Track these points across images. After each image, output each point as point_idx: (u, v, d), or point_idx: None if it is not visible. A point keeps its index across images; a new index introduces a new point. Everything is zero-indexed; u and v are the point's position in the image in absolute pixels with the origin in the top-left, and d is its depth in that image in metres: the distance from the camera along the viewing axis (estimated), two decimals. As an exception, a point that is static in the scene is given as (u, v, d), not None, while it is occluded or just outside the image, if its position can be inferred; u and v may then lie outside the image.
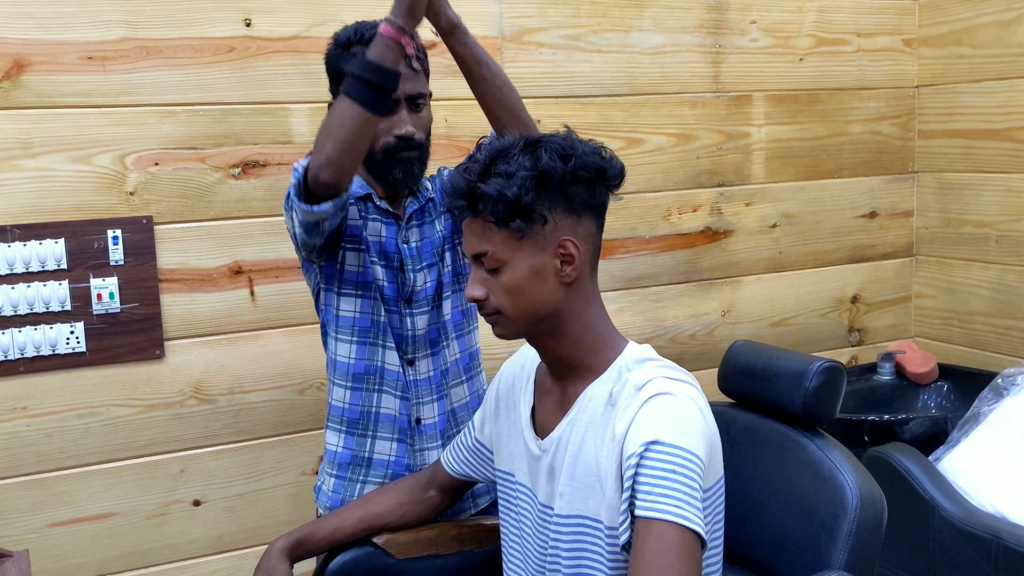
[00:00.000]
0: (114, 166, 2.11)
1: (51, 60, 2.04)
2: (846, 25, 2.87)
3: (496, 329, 1.43)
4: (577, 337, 1.42)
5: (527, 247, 1.36)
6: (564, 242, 1.36)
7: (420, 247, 1.83)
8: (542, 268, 1.37)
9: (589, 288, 1.43)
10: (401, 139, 1.72)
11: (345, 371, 1.82)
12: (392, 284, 1.80)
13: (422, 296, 1.82)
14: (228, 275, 2.23)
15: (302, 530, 1.69)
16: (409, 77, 1.72)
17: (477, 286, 1.40)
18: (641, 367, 1.38)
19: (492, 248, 1.37)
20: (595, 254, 1.43)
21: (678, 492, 1.23)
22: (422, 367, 1.84)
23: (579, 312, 1.41)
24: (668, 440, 1.26)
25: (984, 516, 2.11)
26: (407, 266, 1.81)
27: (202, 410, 2.23)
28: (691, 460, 1.25)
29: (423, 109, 1.77)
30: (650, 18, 2.60)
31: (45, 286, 2.07)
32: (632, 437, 1.29)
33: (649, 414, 1.30)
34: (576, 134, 1.42)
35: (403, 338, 1.82)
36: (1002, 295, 2.80)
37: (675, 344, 2.74)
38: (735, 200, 2.79)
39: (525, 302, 1.38)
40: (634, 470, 1.26)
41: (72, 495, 2.14)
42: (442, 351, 1.86)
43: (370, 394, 1.82)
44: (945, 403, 2.82)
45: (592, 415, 1.39)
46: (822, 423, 1.55)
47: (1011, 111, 2.73)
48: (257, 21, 2.19)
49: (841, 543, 1.41)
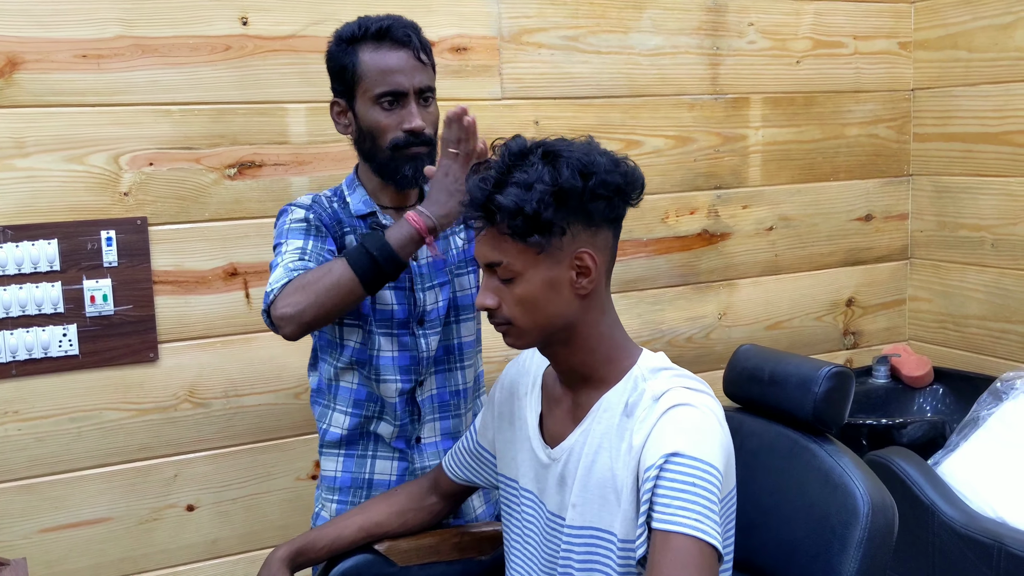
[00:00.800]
0: (108, 166, 2.08)
1: (45, 58, 2.01)
2: (843, 28, 2.86)
3: (507, 339, 1.40)
4: (591, 347, 1.39)
5: (543, 259, 1.33)
6: (581, 254, 1.34)
7: (431, 264, 1.77)
8: (557, 280, 1.34)
9: (604, 298, 1.40)
10: (411, 133, 1.66)
11: (348, 396, 1.77)
12: (403, 306, 1.74)
13: (433, 315, 1.76)
14: (223, 277, 2.20)
15: (302, 538, 1.66)
16: (418, 69, 1.67)
17: (489, 295, 1.37)
18: (657, 376, 1.36)
19: (507, 259, 1.34)
20: (611, 264, 1.41)
21: (697, 505, 1.22)
22: (427, 385, 1.79)
23: (594, 323, 1.39)
24: (688, 452, 1.24)
25: (985, 521, 2.10)
26: (416, 284, 1.75)
27: (196, 414, 2.20)
28: (711, 473, 1.24)
29: (431, 104, 1.72)
30: (649, 19, 2.59)
31: (37, 288, 2.03)
32: (651, 449, 1.27)
33: (668, 425, 1.28)
34: (597, 144, 1.38)
35: (416, 360, 1.75)
36: (998, 299, 2.80)
37: (672, 347, 2.73)
38: (732, 203, 2.77)
39: (539, 314, 1.35)
40: (653, 482, 1.24)
41: (65, 500, 2.11)
42: (451, 372, 1.81)
43: (369, 420, 1.78)
44: (941, 407, 2.82)
45: (607, 425, 1.36)
46: (831, 429, 1.54)
47: (1007, 115, 2.73)
48: (254, 20, 2.16)
49: (852, 551, 1.39)
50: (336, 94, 1.73)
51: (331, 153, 2.23)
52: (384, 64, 1.65)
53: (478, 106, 2.39)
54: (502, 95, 2.42)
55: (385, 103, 1.66)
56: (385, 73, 1.65)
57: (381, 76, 1.65)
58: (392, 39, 1.66)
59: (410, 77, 1.66)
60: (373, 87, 1.66)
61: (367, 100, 1.67)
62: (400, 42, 1.66)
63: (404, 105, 1.66)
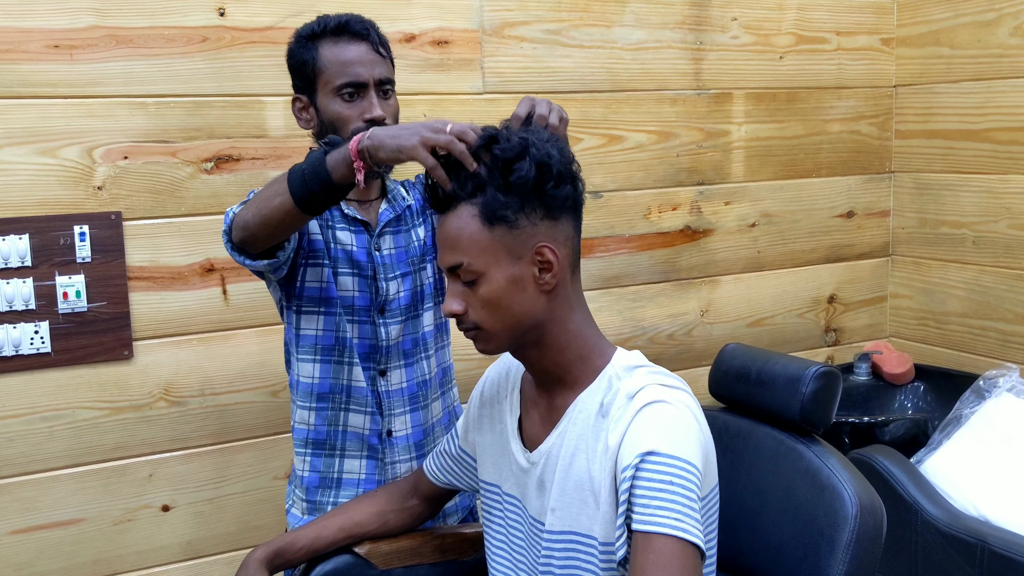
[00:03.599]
0: (81, 159, 2.03)
1: (15, 48, 1.96)
2: (826, 23, 2.85)
3: (478, 344, 1.37)
4: (562, 347, 1.37)
5: (503, 256, 1.30)
6: (541, 248, 1.31)
7: (393, 255, 1.78)
8: (520, 277, 1.32)
9: (572, 294, 1.37)
10: (372, 123, 1.65)
11: (308, 391, 1.76)
12: (364, 293, 1.75)
13: (395, 306, 1.78)
14: (200, 273, 2.16)
15: (281, 540, 1.63)
16: (377, 62, 1.69)
17: (455, 300, 1.34)
18: (632, 375, 1.34)
19: (467, 258, 1.31)
20: (574, 259, 1.38)
21: (676, 504, 1.19)
22: (394, 378, 1.79)
23: (563, 320, 1.36)
24: (664, 450, 1.22)
25: (968, 520, 2.09)
26: (379, 275, 1.76)
27: (172, 412, 2.16)
28: (688, 470, 1.22)
29: (391, 96, 1.73)
30: (631, 13, 2.56)
31: (8, 284, 1.99)
32: (626, 448, 1.25)
33: (643, 424, 1.25)
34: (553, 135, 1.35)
35: (375, 348, 1.76)
36: (978, 296, 2.80)
37: (653, 344, 2.71)
38: (714, 199, 2.76)
39: (505, 314, 1.32)
40: (630, 483, 1.22)
41: (35, 501, 2.06)
42: (418, 363, 1.82)
43: (336, 413, 1.77)
44: (922, 404, 2.82)
45: (583, 427, 1.34)
46: (818, 429, 1.52)
47: (989, 112, 2.73)
48: (231, 11, 2.12)
49: (841, 553, 1.37)
50: (297, 90, 1.75)
51: (309, 147, 2.19)
52: (344, 56, 1.68)
53: (459, 100, 2.36)
54: (483, 89, 2.39)
55: (346, 94, 1.67)
56: (345, 65, 1.67)
57: (341, 68, 1.67)
58: (351, 33, 1.69)
59: (370, 69, 1.67)
60: (334, 79, 1.67)
61: (328, 92, 1.68)
62: (359, 35, 1.69)
63: (364, 96, 1.68)
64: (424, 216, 1.85)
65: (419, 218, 1.84)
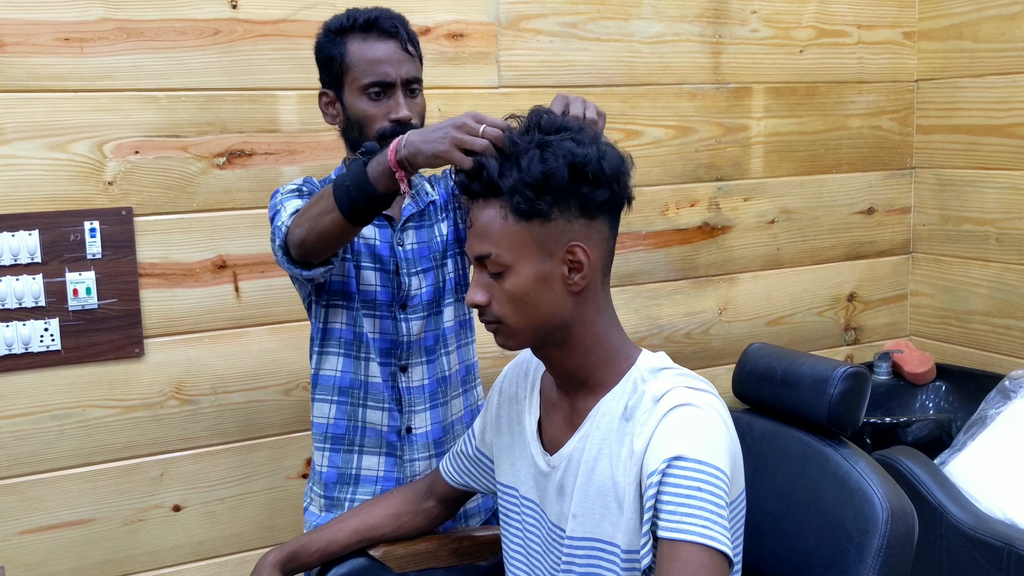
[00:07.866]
0: (92, 154, 2.00)
1: (25, 41, 1.93)
2: (846, 16, 2.80)
3: (498, 339, 1.34)
4: (587, 350, 1.33)
5: (533, 251, 1.27)
6: (573, 248, 1.27)
7: (416, 250, 1.77)
8: (549, 275, 1.28)
9: (600, 297, 1.34)
10: (398, 123, 1.65)
11: (331, 384, 1.76)
12: (386, 288, 1.74)
13: (417, 301, 1.76)
14: (211, 270, 2.13)
15: (295, 543, 1.60)
16: (405, 61, 1.68)
17: (479, 291, 1.31)
18: (657, 377, 1.30)
19: (497, 250, 1.27)
20: (607, 261, 1.34)
21: (704, 511, 1.15)
22: (416, 374, 1.77)
23: (590, 323, 1.32)
24: (691, 455, 1.18)
25: (994, 523, 2.05)
26: (402, 269, 1.74)
27: (183, 411, 2.13)
28: (716, 476, 1.18)
29: (418, 95, 1.72)
30: (650, 6, 2.52)
31: (18, 280, 1.96)
32: (652, 453, 1.21)
33: (670, 428, 1.22)
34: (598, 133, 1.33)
35: (396, 344, 1.75)
36: (1002, 294, 2.75)
37: (669, 343, 2.67)
38: (733, 195, 2.71)
39: (529, 311, 1.29)
40: (656, 488, 1.18)
41: (46, 500, 2.04)
42: (439, 359, 1.80)
43: (355, 408, 1.76)
44: (944, 404, 2.77)
45: (606, 431, 1.30)
46: (846, 431, 1.48)
47: (1013, 107, 2.67)
48: (244, 3, 2.09)
49: (871, 560, 1.33)
50: (324, 84, 1.74)
51: (322, 142, 2.17)
52: (372, 55, 1.66)
53: (474, 94, 2.33)
54: (499, 83, 2.35)
55: (372, 93, 1.66)
56: (373, 63, 1.66)
57: (369, 66, 1.66)
58: (380, 30, 1.67)
59: (397, 68, 1.66)
60: (361, 77, 1.67)
61: (355, 90, 1.68)
62: (388, 33, 1.68)
63: (391, 95, 1.67)
64: (448, 212, 1.83)
65: (443, 213, 1.82)
